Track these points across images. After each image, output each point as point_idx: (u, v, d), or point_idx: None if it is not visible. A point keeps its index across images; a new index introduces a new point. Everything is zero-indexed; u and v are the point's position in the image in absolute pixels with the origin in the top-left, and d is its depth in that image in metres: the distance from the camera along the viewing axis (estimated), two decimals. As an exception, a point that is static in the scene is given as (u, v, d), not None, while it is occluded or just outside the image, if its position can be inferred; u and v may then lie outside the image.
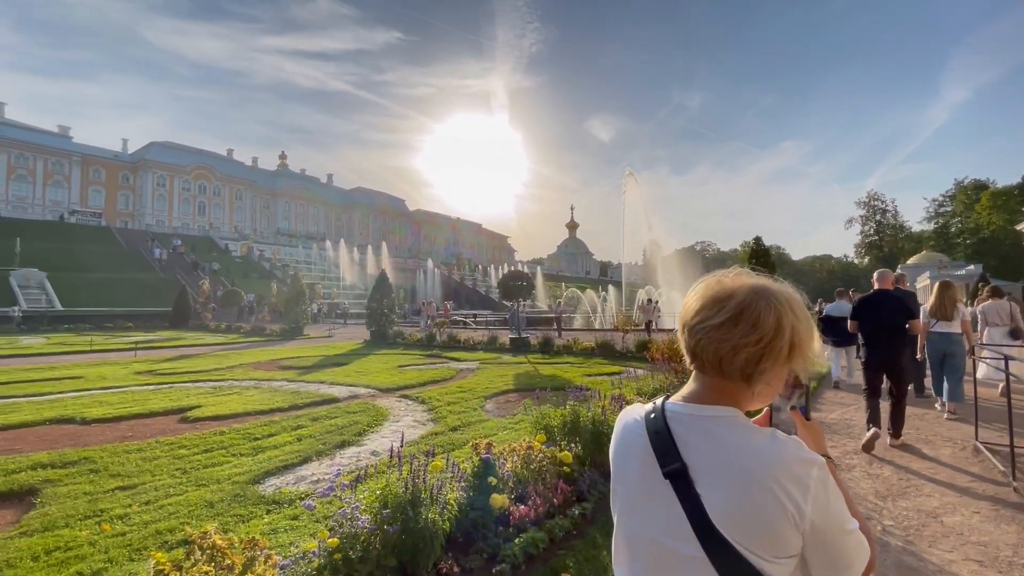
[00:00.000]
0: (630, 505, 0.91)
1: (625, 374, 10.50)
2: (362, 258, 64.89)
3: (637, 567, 0.89)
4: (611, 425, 4.14)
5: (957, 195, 71.41)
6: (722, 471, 0.80)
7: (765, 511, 0.76)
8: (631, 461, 0.91)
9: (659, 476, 0.84)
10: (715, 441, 0.82)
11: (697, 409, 0.86)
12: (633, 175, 47.02)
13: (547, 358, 13.56)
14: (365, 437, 5.77)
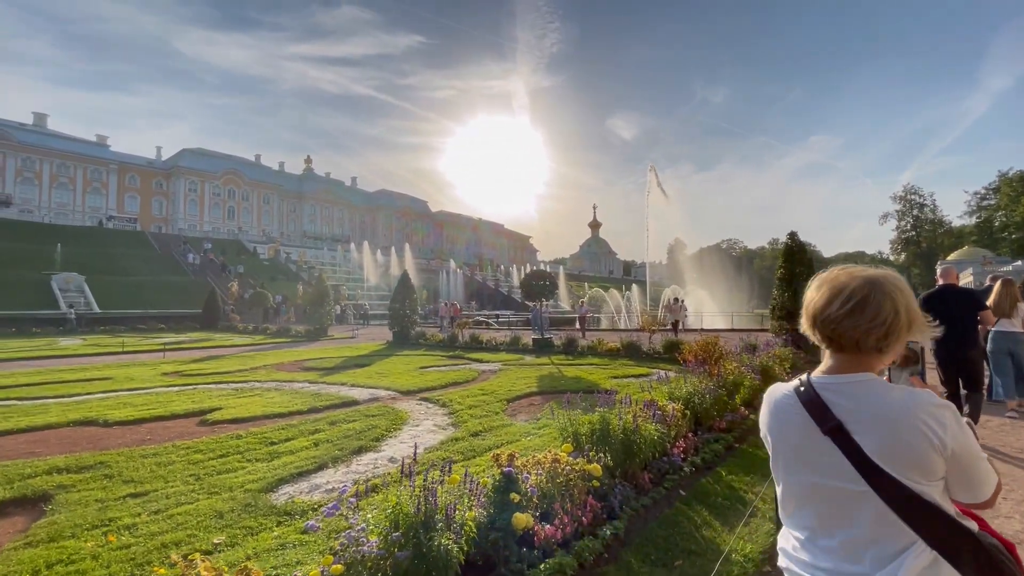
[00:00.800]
0: (794, 463, 1.14)
1: (653, 376, 10.09)
2: (385, 259, 65.47)
3: (810, 510, 1.13)
4: (643, 434, 3.82)
5: (1001, 187, 67.94)
6: (875, 421, 1.03)
7: (915, 445, 1.00)
8: (789, 428, 1.14)
9: (819, 434, 1.07)
10: (862, 400, 1.06)
11: (841, 378, 1.10)
12: (656, 171, 46.21)
13: (571, 359, 13.22)
14: (383, 442, 5.56)
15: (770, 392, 1.23)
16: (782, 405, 1.17)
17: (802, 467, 1.12)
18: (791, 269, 10.93)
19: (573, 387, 9.01)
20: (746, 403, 6.24)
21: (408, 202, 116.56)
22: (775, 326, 11.08)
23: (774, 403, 1.20)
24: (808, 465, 1.10)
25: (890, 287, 1.08)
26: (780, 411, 1.17)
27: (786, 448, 1.16)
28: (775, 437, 1.18)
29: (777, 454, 1.18)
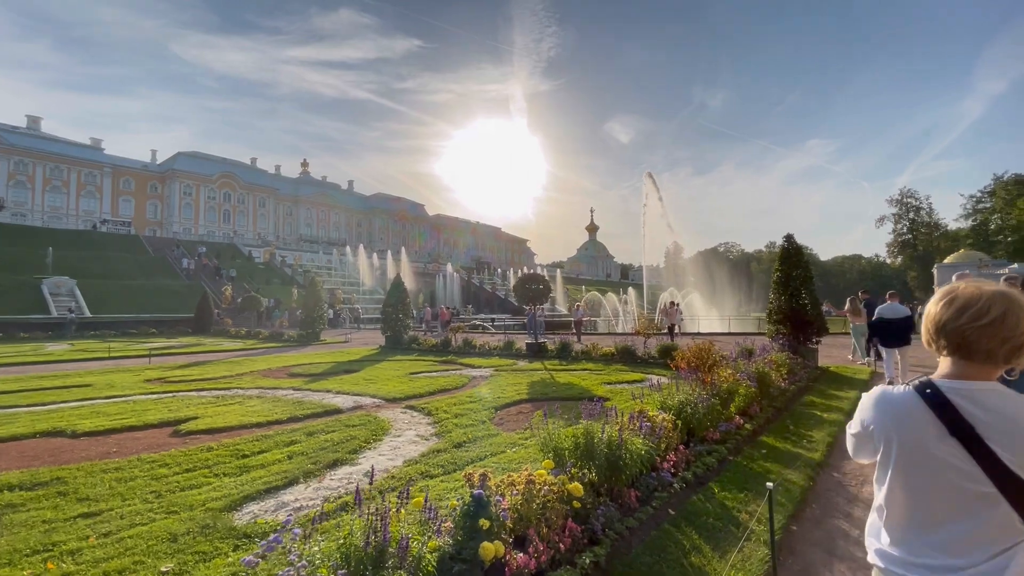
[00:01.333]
0: (913, 461, 1.19)
1: (647, 382, 9.85)
2: (382, 263, 65.15)
3: (920, 506, 1.19)
4: (630, 449, 3.57)
5: (996, 191, 68.11)
6: (1010, 428, 1.11)
7: None
8: (911, 428, 1.19)
9: (946, 435, 1.14)
10: (998, 410, 1.13)
11: (970, 384, 1.17)
12: (652, 177, 46.08)
13: (564, 364, 12.97)
14: (361, 455, 5.30)
15: (881, 394, 1.29)
16: (902, 406, 1.21)
17: (921, 465, 1.17)
18: (788, 272, 10.71)
19: (565, 394, 8.77)
20: (741, 412, 6.00)
21: (405, 205, 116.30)
22: (771, 330, 10.85)
23: (890, 403, 1.24)
24: (928, 463, 1.16)
25: (1014, 300, 1.14)
26: (900, 411, 1.22)
27: (904, 446, 1.20)
28: (890, 436, 1.22)
29: (891, 451, 1.22)
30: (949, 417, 1.14)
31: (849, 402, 7.20)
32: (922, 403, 1.18)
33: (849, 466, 4.55)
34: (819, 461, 4.47)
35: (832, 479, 4.20)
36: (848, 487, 4.02)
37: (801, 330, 10.40)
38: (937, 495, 1.16)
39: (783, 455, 4.69)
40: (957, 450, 1.12)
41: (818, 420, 6.10)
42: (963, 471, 1.11)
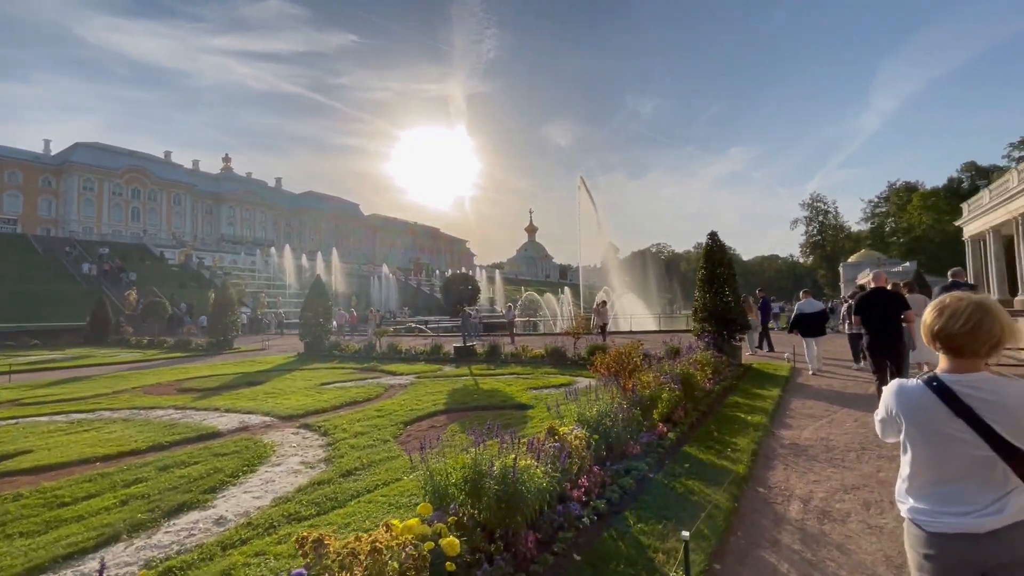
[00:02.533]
0: (928, 437, 1.54)
1: (575, 385, 9.41)
2: (311, 264, 61.82)
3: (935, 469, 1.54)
4: (528, 482, 2.94)
5: (890, 197, 75.12)
6: (1001, 405, 1.45)
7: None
8: (925, 411, 1.54)
9: (952, 416, 1.48)
10: (989, 392, 1.47)
11: (966, 377, 1.51)
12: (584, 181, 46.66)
13: (492, 369, 12.33)
14: (220, 494, 4.34)
15: (899, 387, 1.63)
16: (916, 396, 1.57)
17: (933, 439, 1.53)
18: (712, 270, 10.65)
19: (486, 402, 8.11)
20: (665, 418, 5.59)
21: (338, 205, 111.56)
22: (697, 328, 10.76)
23: (906, 394, 1.60)
24: (941, 438, 1.51)
25: (996, 311, 1.51)
26: (915, 400, 1.57)
27: (920, 426, 1.56)
28: (910, 419, 1.57)
29: (912, 431, 1.57)
30: (953, 402, 1.47)
31: (771, 401, 7.04)
32: (930, 393, 1.52)
33: (773, 478, 4.19)
34: (743, 475, 4.07)
35: (757, 496, 3.79)
36: (774, 505, 3.62)
37: (725, 327, 10.37)
38: (950, 461, 1.50)
39: (707, 469, 4.26)
40: (962, 426, 1.46)
41: (742, 424, 5.81)
42: (968, 441, 1.46)
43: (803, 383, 8.86)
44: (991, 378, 1.48)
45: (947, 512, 1.49)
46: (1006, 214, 17.45)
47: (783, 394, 7.75)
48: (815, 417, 6.29)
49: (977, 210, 20.51)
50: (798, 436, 5.40)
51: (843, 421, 6.05)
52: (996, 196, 18.42)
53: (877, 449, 4.84)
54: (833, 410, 6.67)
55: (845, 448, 4.89)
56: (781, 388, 8.13)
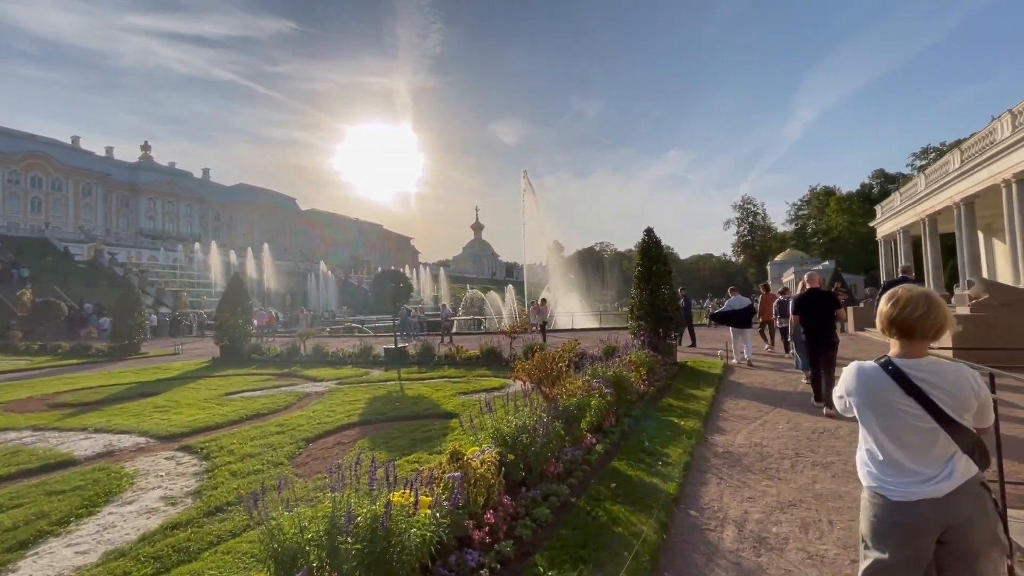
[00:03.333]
0: (883, 414, 1.73)
1: (507, 389, 8.85)
2: (241, 261, 57.97)
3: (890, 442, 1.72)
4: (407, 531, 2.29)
5: (811, 200, 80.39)
6: (946, 385, 1.66)
7: (969, 399, 1.67)
8: (880, 392, 1.74)
9: (903, 395, 1.69)
10: (935, 374, 1.69)
11: (915, 362, 1.73)
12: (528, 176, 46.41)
13: (423, 372, 11.57)
14: (32, 550, 3.38)
15: (858, 368, 1.82)
16: (873, 377, 1.77)
17: (888, 415, 1.73)
18: (648, 267, 10.43)
19: (408, 411, 7.38)
20: (594, 427, 5.13)
21: (273, 198, 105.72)
22: (634, 326, 10.51)
23: (865, 376, 1.79)
24: (893, 414, 1.71)
25: (940, 301, 1.76)
26: (872, 381, 1.77)
27: (876, 404, 1.75)
28: (866, 399, 1.78)
29: (868, 408, 1.77)
30: (905, 383, 1.70)
31: (705, 403, 6.78)
32: (885, 375, 1.75)
33: (706, 496, 3.78)
34: (674, 496, 3.62)
35: (689, 521, 3.35)
36: (707, 531, 3.18)
37: (661, 324, 10.17)
38: (904, 433, 1.71)
39: (635, 488, 3.79)
40: (912, 403, 1.69)
41: (675, 431, 5.45)
42: (917, 416, 1.68)
43: (736, 381, 8.77)
44: (935, 361, 1.73)
45: (909, 481, 1.68)
46: (914, 216, 18.69)
47: (716, 394, 7.54)
48: (748, 419, 6.05)
49: (889, 212, 21.96)
50: (732, 442, 5.09)
51: (776, 423, 5.84)
52: (906, 199, 19.73)
53: (810, 455, 4.59)
54: (765, 410, 6.49)
55: (779, 455, 4.60)
56: (715, 388, 7.94)
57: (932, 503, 1.63)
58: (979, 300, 9.30)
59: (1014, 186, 11.76)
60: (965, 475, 1.64)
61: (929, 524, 1.64)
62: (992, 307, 9.14)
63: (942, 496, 1.63)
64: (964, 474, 1.64)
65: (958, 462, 1.65)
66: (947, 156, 15.65)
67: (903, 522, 1.66)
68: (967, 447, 1.65)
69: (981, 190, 13.31)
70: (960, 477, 1.63)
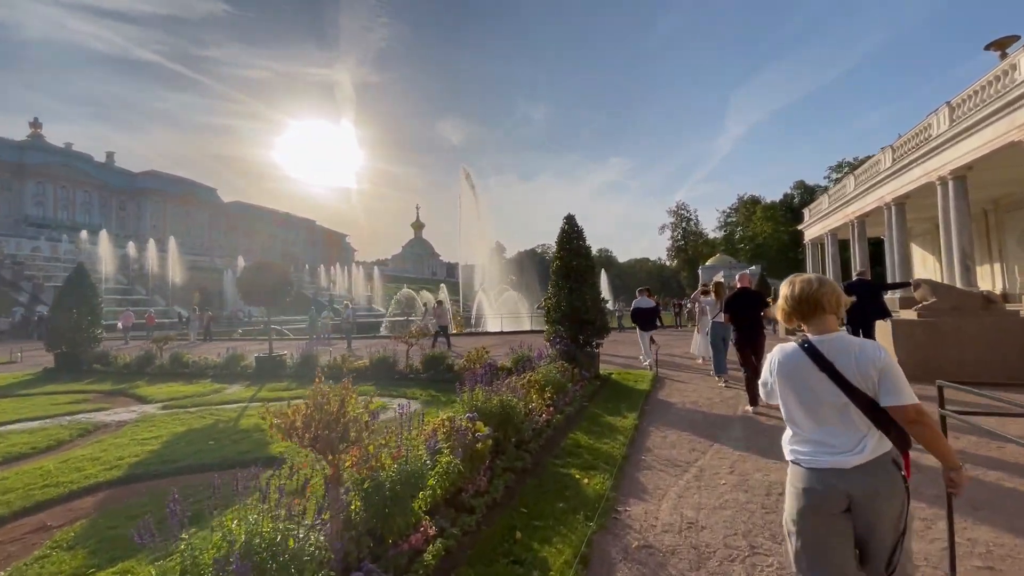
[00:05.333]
0: (800, 390, 1.79)
1: (389, 412, 6.81)
2: (141, 254, 51.80)
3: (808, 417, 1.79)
4: None
5: (739, 208, 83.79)
6: (852, 360, 1.72)
7: (870, 370, 1.70)
8: (798, 370, 1.80)
9: (817, 371, 1.75)
10: (841, 349, 1.75)
11: (825, 337, 1.80)
12: (468, 173, 44.27)
13: (294, 387, 9.25)
14: None
15: (779, 349, 1.89)
16: (791, 356, 1.83)
17: (805, 392, 1.78)
18: (568, 261, 8.71)
19: (217, 455, 5.16)
20: (445, 501, 3.21)
21: (188, 188, 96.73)
22: (549, 331, 8.78)
23: (785, 355, 1.85)
24: (810, 391, 1.77)
25: (828, 280, 1.90)
26: (791, 360, 1.82)
27: (795, 382, 1.80)
28: (785, 377, 1.83)
29: (786, 386, 1.83)
30: (818, 360, 1.76)
31: (624, 439, 5.07)
32: (802, 353, 1.80)
33: None
34: None
35: None
36: None
37: (581, 331, 8.48)
38: (819, 408, 1.76)
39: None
40: (823, 378, 1.74)
41: (573, 494, 3.66)
42: (830, 391, 1.73)
43: (666, 400, 7.20)
44: (843, 336, 1.81)
45: (822, 452, 1.75)
46: (843, 218, 18.45)
47: (640, 421, 5.87)
48: (679, 466, 4.36)
49: (817, 214, 21.89)
50: (654, 520, 3.32)
51: (715, 473, 4.19)
52: (834, 201, 19.54)
53: (769, 543, 2.92)
54: (700, 448, 4.86)
55: (723, 546, 2.89)
56: (639, 411, 6.29)
57: (839, 472, 1.70)
58: (926, 304, 8.36)
59: (951, 183, 11.20)
60: (876, 451, 1.70)
61: (834, 492, 1.69)
62: (940, 311, 8.19)
63: (850, 468, 1.69)
64: (875, 450, 1.70)
65: (871, 439, 1.71)
66: (877, 155, 15.29)
67: (811, 489, 1.73)
68: (881, 425, 1.70)
69: (914, 189, 12.86)
70: (871, 453, 1.69)
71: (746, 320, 6.57)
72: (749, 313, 6.59)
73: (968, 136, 10.31)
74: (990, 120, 9.57)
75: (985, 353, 7.53)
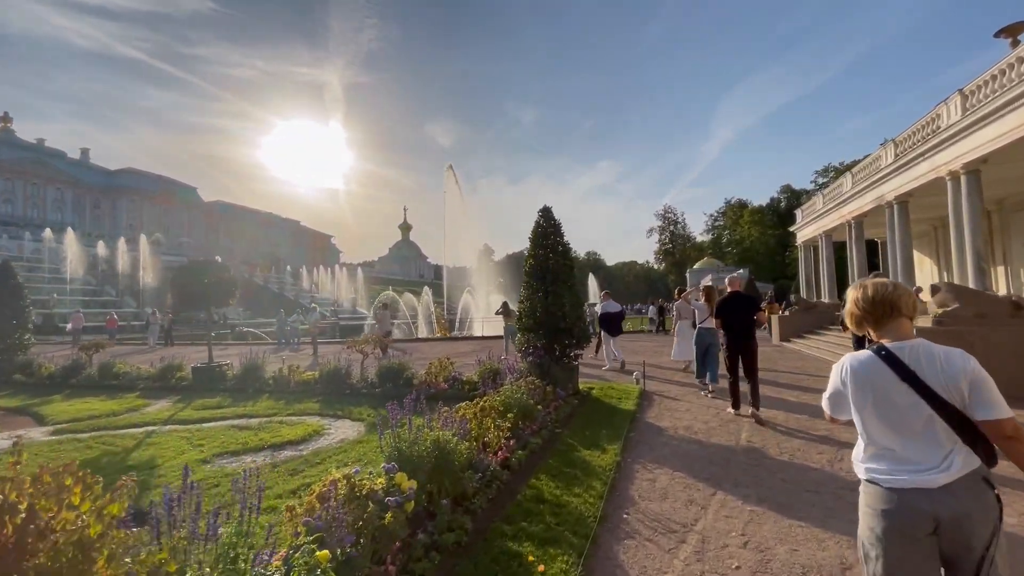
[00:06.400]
0: (879, 402, 1.62)
1: (310, 444, 5.63)
2: (110, 252, 49.68)
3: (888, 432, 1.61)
4: None
5: (727, 212, 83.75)
6: (938, 369, 1.56)
7: (957, 377, 1.54)
8: (874, 379, 1.63)
9: (898, 381, 1.59)
10: (923, 356, 1.59)
11: (906, 344, 1.63)
12: (453, 171, 43.04)
13: (224, 405, 7.97)
14: None
15: (850, 359, 1.71)
16: (866, 364, 1.66)
17: (884, 404, 1.61)
18: (544, 260, 7.57)
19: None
20: None
21: (167, 186, 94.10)
22: (521, 341, 7.64)
23: (859, 364, 1.67)
24: (889, 403, 1.60)
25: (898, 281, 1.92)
26: (866, 369, 1.65)
27: (872, 394, 1.63)
28: (861, 386, 1.65)
29: (862, 397, 1.65)
30: (898, 368, 1.59)
31: (600, 486, 3.93)
32: (879, 361, 1.63)
33: None
34: None
35: None
36: None
37: (557, 340, 7.34)
38: (900, 422, 1.59)
39: None
40: (906, 389, 1.57)
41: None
42: (913, 402, 1.56)
43: (655, 423, 6.09)
44: (926, 343, 1.62)
45: (904, 469, 1.58)
46: (839, 218, 17.58)
47: (623, 456, 4.75)
48: (672, 532, 3.23)
49: (811, 215, 21.03)
50: None
51: (723, 545, 3.07)
52: (829, 200, 18.68)
53: None
54: (700, 501, 3.74)
55: None
56: (622, 441, 5.16)
57: (925, 493, 1.54)
58: (947, 311, 7.38)
59: (963, 178, 10.30)
60: (965, 468, 1.53)
61: (920, 515, 1.53)
62: (963, 319, 7.22)
63: (936, 487, 1.53)
64: (964, 467, 1.53)
65: (958, 455, 1.54)
66: (878, 151, 14.42)
67: (893, 511, 1.57)
68: (968, 439, 1.54)
69: (919, 186, 11.99)
70: (959, 470, 1.53)
71: (738, 325, 6.29)
72: (742, 318, 6.30)
73: (985, 125, 9.42)
74: (1013, 105, 8.68)
75: (1017, 367, 6.56)
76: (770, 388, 8.14)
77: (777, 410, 6.80)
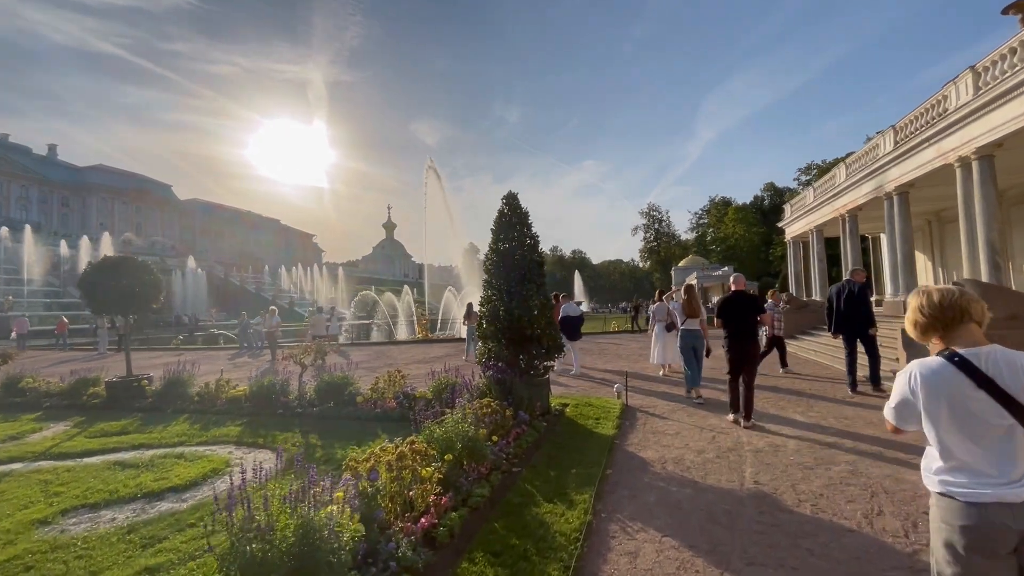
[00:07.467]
0: (954, 412, 1.49)
1: (201, 488, 4.41)
2: (73, 252, 47.35)
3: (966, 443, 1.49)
4: None
5: (711, 210, 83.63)
6: (1019, 376, 1.44)
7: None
8: (947, 387, 1.50)
9: (974, 388, 1.47)
10: (1000, 362, 1.47)
11: (981, 350, 1.51)
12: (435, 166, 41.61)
13: (130, 429, 6.68)
14: None
15: (920, 365, 1.58)
16: (938, 371, 1.53)
17: (960, 413, 1.49)
18: (509, 254, 6.34)
19: None
20: None
21: (140, 183, 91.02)
22: (481, 352, 6.46)
23: (930, 371, 1.54)
24: (966, 411, 1.48)
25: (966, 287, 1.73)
26: (939, 376, 1.52)
27: (946, 402, 1.50)
28: (934, 395, 1.52)
29: (936, 407, 1.52)
30: (975, 375, 1.47)
31: (564, 553, 2.81)
32: (953, 368, 1.50)
33: None
34: None
35: None
36: None
37: (523, 349, 6.17)
38: (977, 431, 1.47)
39: None
40: (984, 397, 1.45)
41: None
42: (992, 411, 1.45)
43: (636, 452, 4.98)
44: (1002, 349, 1.52)
45: (985, 483, 1.47)
46: (832, 212, 16.71)
47: (595, 512, 3.61)
48: None
49: (800, 210, 20.18)
50: None
51: None
52: (820, 194, 17.82)
53: None
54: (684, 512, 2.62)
55: None
56: (595, 487, 4.02)
57: (1007, 507, 1.44)
58: (973, 311, 6.46)
59: (975, 164, 9.39)
60: None
61: (1003, 531, 1.43)
62: (994, 321, 6.27)
63: (1021, 501, 1.43)
64: None
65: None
66: (875, 139, 13.52)
67: (974, 526, 1.46)
68: None
69: (923, 174, 11.07)
70: None
71: (741, 327, 5.93)
72: (746, 318, 5.93)
73: (1002, 105, 8.50)
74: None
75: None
76: (770, 400, 7.14)
77: (782, 426, 5.78)
